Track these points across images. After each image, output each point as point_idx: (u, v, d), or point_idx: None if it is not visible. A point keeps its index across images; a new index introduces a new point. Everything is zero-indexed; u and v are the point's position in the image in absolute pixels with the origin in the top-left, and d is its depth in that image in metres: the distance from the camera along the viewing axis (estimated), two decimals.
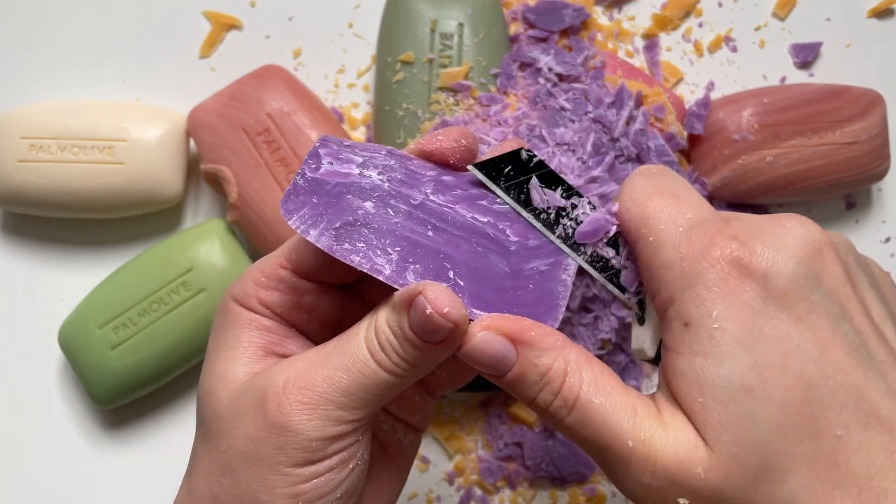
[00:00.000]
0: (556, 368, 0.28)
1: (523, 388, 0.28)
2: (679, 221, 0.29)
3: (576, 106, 0.47)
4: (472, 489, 0.50)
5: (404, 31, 0.49)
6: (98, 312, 0.47)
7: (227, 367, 0.30)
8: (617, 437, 0.27)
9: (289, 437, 0.27)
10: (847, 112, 0.50)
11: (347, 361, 0.28)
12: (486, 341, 0.28)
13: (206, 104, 0.49)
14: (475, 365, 0.28)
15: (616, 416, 0.27)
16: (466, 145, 0.32)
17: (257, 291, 0.31)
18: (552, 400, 0.28)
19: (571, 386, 0.28)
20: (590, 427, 0.27)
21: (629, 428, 0.27)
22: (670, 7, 0.54)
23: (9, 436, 0.51)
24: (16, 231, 0.52)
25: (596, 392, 0.27)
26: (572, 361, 0.28)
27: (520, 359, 0.28)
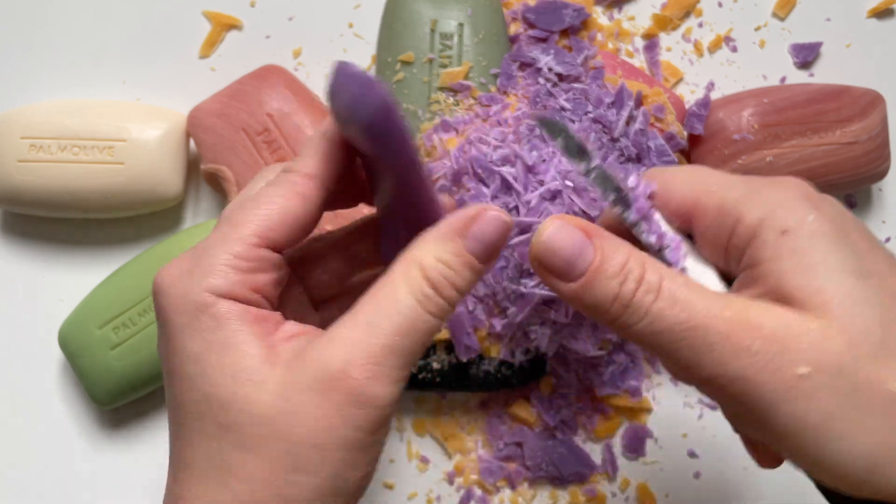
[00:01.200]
0: (634, 258, 0.27)
1: (602, 283, 0.27)
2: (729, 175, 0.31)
3: (576, 106, 0.47)
4: (472, 489, 0.50)
5: (404, 31, 0.49)
6: (98, 312, 0.47)
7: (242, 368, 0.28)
8: (711, 310, 0.26)
9: (367, 412, 0.27)
10: (847, 112, 0.50)
11: (400, 323, 0.27)
12: (563, 231, 0.28)
13: (206, 104, 0.49)
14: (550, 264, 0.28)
15: (705, 293, 0.27)
16: None
17: (244, 278, 0.29)
18: (636, 287, 0.27)
19: (653, 271, 0.27)
20: (679, 305, 0.26)
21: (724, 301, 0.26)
22: (670, 7, 0.54)
23: (9, 436, 0.51)
24: (16, 231, 0.52)
25: (678, 276, 0.27)
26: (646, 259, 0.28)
27: (597, 251, 0.28)
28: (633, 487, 0.51)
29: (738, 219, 0.29)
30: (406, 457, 0.51)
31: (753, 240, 0.28)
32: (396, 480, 0.51)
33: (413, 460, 0.51)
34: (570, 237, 0.28)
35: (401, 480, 0.51)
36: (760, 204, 0.28)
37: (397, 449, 0.51)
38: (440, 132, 0.48)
